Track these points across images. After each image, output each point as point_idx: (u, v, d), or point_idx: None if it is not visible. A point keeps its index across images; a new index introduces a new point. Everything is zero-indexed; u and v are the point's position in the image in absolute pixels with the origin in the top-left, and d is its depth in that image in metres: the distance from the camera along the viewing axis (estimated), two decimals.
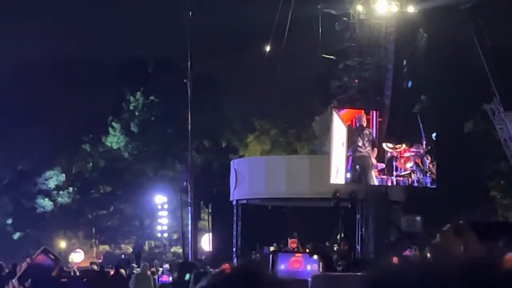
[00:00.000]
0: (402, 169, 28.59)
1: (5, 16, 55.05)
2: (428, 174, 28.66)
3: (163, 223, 50.07)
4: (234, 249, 31.50)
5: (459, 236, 5.43)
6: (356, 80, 30.43)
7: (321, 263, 14.77)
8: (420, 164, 28.54)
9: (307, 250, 23.11)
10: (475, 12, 29.39)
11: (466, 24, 30.37)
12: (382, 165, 28.33)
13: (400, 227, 30.92)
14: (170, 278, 19.19)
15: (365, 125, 28.32)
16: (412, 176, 28.63)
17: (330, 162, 28.11)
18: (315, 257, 14.91)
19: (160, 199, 49.68)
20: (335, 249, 28.93)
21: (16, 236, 54.79)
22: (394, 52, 29.15)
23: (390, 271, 2.13)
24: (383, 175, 28.52)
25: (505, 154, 30.51)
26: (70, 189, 54.84)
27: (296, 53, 41.48)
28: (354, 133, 28.27)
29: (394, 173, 28.51)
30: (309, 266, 14.59)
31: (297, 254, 16.31)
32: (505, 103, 28.97)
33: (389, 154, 28.34)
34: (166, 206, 49.62)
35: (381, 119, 28.43)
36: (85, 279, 15.35)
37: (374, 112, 28.48)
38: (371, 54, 30.18)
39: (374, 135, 28.38)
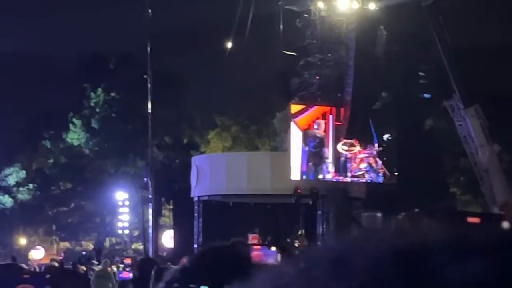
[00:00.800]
0: (357, 170, 29.63)
1: None
2: (380, 174, 29.83)
3: (124, 219, 49.88)
4: (195, 245, 31.48)
5: (413, 223, 5.48)
6: (317, 77, 30.57)
7: (279, 255, 14.80)
8: (373, 164, 29.67)
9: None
10: (435, 9, 29.59)
11: (426, 21, 30.58)
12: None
13: (361, 223, 31.11)
14: (131, 275, 19.08)
15: (322, 129, 29.11)
16: (366, 176, 29.75)
17: (290, 160, 28.37)
18: (273, 249, 14.94)
19: (121, 195, 49.48)
20: (296, 245, 29.01)
21: None
22: (355, 49, 29.30)
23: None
24: (339, 176, 29.45)
25: (465, 150, 30.76)
26: (30, 185, 54.42)
27: (257, 50, 41.52)
28: (309, 135, 28.95)
29: (349, 173, 29.56)
30: (268, 259, 14.64)
31: (255, 247, 16.32)
32: (465, 100, 29.22)
33: (343, 157, 29.34)
34: (127, 203, 49.44)
35: (339, 123, 29.23)
36: (47, 275, 15.23)
37: (331, 116, 29.16)
38: (332, 51, 30.35)
39: (330, 137, 29.11)
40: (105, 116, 53.30)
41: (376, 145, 29.88)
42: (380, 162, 29.81)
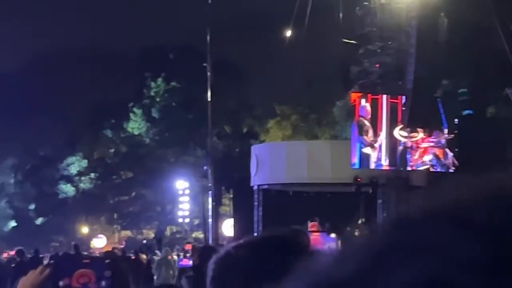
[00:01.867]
0: (421, 164, 26.43)
1: (26, 4, 55.28)
2: (450, 170, 26.28)
3: (184, 208, 50.23)
4: (255, 234, 31.56)
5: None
6: (377, 65, 30.33)
7: (339, 242, 14.68)
8: (441, 156, 26.37)
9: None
10: None
11: (488, 8, 30.15)
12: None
13: None
14: (191, 262, 19.22)
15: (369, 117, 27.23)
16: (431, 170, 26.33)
17: (350, 148, 28.15)
18: (333, 235, 14.82)
19: (181, 184, 49.82)
20: (356, 234, 28.88)
21: (38, 221, 55.21)
22: (415, 37, 29.00)
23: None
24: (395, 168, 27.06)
25: None
26: (92, 175, 55.11)
27: (317, 38, 41.36)
28: (361, 123, 27.92)
29: (409, 168, 26.71)
30: (327, 245, 14.53)
31: (315, 233, 16.18)
32: None
33: (401, 145, 26.65)
34: (187, 192, 49.76)
35: (397, 101, 27.73)
36: (107, 260, 15.41)
37: (385, 103, 27.87)
38: (392, 38, 30.05)
39: (384, 125, 27.57)
40: (166, 105, 53.70)
41: (446, 130, 26.33)
42: (450, 154, 26.29)
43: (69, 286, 7.51)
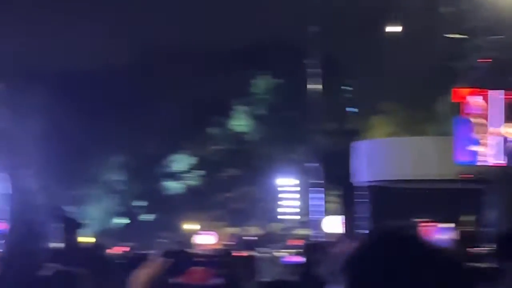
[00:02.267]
0: None
1: (137, 2, 56.33)
2: None
3: (289, 205, 50.39)
4: (362, 231, 31.45)
5: None
6: (485, 60, 29.85)
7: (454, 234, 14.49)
8: None
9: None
10: None
11: None
12: None
13: None
14: (297, 259, 19.35)
15: (478, 112, 27.18)
16: None
17: (456, 144, 27.74)
18: (444, 226, 14.62)
19: (286, 181, 50.00)
20: (462, 230, 28.51)
21: (145, 218, 56.22)
22: None
23: None
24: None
25: None
26: (198, 172, 55.80)
27: (422, 32, 40.91)
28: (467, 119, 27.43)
29: None
30: (439, 237, 14.43)
31: (427, 226, 16.02)
32: None
33: (509, 142, 26.47)
34: (292, 189, 49.93)
35: (505, 97, 27.17)
36: (219, 258, 15.63)
37: (492, 92, 27.27)
38: (500, 33, 29.54)
39: (492, 118, 26.97)
40: (270, 102, 53.97)
41: None
42: None
43: (182, 283, 7.69)
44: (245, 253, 27.49)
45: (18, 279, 3.70)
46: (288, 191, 50.32)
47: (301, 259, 11.80)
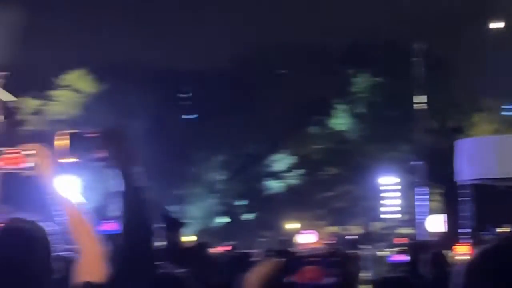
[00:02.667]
0: None
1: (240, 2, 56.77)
2: None
3: (391, 204, 49.98)
4: (464, 230, 30.93)
5: None
6: None
7: None
8: None
9: None
10: None
11: None
12: None
13: None
14: (402, 257, 19.20)
15: None
16: None
17: None
18: None
19: (387, 180, 49.61)
20: None
21: (247, 217, 56.56)
22: None
23: None
24: None
25: None
26: (299, 171, 55.83)
27: None
28: None
29: None
30: None
31: None
32: None
33: None
34: (394, 187, 49.51)
35: None
36: (331, 258, 15.61)
37: None
38: None
39: None
40: (370, 101, 53.61)
41: None
42: None
43: (295, 282, 7.70)
44: (347, 252, 27.40)
45: (133, 280, 3.75)
46: (389, 189, 49.90)
47: (406, 258, 11.71)
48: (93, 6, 49.06)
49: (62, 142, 3.93)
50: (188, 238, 28.92)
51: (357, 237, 46.46)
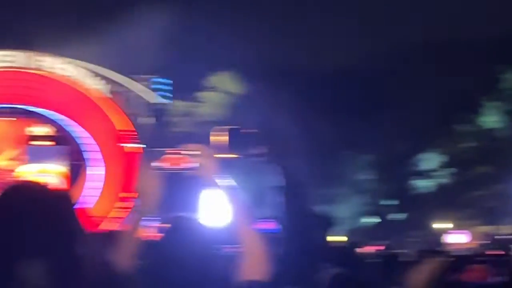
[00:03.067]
0: None
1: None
2: None
3: None
4: None
5: None
6: None
7: None
8: None
9: None
10: None
11: None
12: None
13: None
14: None
15: None
16: None
17: None
18: None
19: None
20: None
21: (396, 216, 56.14)
22: None
23: None
24: None
25: None
26: (448, 169, 54.92)
27: None
28: None
29: None
30: None
31: None
32: None
33: None
34: None
35: None
36: (495, 258, 15.28)
37: None
38: None
39: None
40: None
41: None
42: None
43: (461, 281, 7.55)
44: (500, 252, 26.67)
45: (298, 279, 3.72)
46: None
47: None
48: (240, 8, 49.76)
49: (220, 138, 3.95)
50: (336, 238, 28.89)
51: (510, 237, 45.23)
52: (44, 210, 2.68)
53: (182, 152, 4.17)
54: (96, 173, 43.24)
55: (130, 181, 42.54)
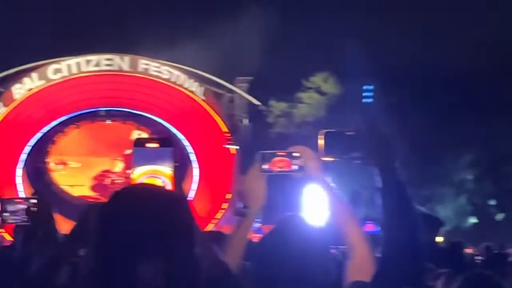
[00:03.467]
0: None
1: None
2: None
3: None
4: None
5: None
6: None
7: None
8: None
9: None
10: None
11: None
12: None
13: None
14: None
15: None
16: None
17: None
18: None
19: None
20: None
21: (498, 217, 55.22)
22: None
23: None
24: None
25: None
26: None
27: None
28: None
29: None
30: None
31: None
32: None
33: None
34: None
35: None
36: None
37: None
38: None
39: None
40: None
41: None
42: None
43: None
44: None
45: (405, 281, 3.72)
46: None
47: None
48: (342, 8, 49.53)
49: (320, 141, 3.99)
50: (440, 238, 28.52)
51: None
52: (163, 211, 2.76)
53: (288, 153, 4.22)
54: (199, 174, 43.78)
55: (229, 182, 42.89)
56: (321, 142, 3.97)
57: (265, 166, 4.18)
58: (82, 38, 45.42)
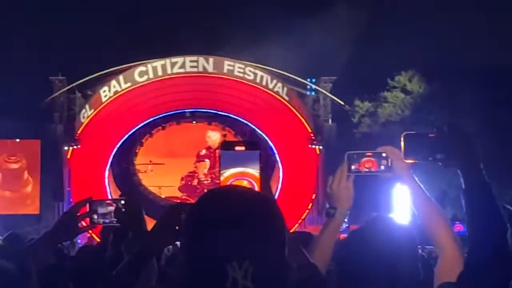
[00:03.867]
0: None
1: None
2: None
3: None
4: None
5: None
6: None
7: None
8: None
9: None
10: None
11: None
12: None
13: None
14: None
15: None
16: None
17: None
18: None
19: None
20: None
21: None
22: None
23: None
24: None
25: None
26: None
27: None
28: None
29: None
30: None
31: None
32: None
33: None
34: None
35: None
36: None
37: None
38: None
39: None
40: None
41: None
42: None
43: None
44: None
45: (487, 285, 3.66)
46: None
47: None
48: (425, 8, 48.93)
49: (402, 143, 3.96)
50: None
51: None
52: (254, 212, 2.78)
53: (376, 154, 4.20)
54: (283, 175, 43.76)
55: (313, 182, 42.75)
56: (402, 144, 3.95)
57: (353, 167, 4.18)
58: (167, 39, 45.86)
